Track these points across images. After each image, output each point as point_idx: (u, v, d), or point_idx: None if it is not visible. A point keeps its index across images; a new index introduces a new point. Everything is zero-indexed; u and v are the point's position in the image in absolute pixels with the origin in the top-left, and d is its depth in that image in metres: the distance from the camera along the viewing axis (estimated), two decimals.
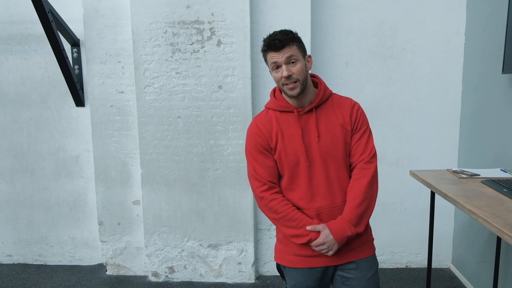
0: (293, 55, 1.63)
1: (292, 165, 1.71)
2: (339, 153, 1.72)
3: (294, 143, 1.71)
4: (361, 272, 1.74)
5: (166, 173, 3.20)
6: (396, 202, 3.43)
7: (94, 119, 3.31)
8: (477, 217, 1.72)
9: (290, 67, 1.63)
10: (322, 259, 1.72)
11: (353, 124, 1.74)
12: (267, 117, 1.77)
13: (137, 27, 3.07)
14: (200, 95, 3.10)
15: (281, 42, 1.62)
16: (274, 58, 1.64)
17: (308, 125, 1.72)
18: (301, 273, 1.75)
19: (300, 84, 1.66)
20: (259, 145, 1.74)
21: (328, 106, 1.76)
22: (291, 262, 1.77)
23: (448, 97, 3.30)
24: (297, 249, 1.73)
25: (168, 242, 3.27)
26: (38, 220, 3.67)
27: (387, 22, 3.25)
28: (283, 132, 1.72)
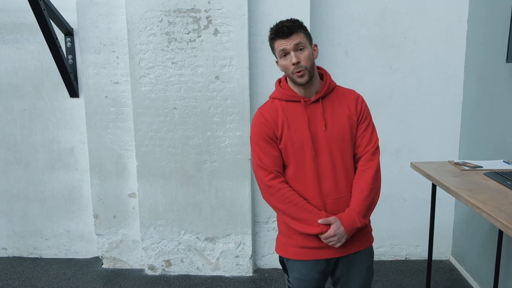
0: (301, 42, 1.65)
1: (298, 154, 1.71)
2: (345, 143, 1.73)
3: (300, 132, 1.70)
4: (361, 263, 1.80)
5: (162, 166, 3.14)
6: (396, 194, 3.39)
7: (89, 110, 3.24)
8: (481, 211, 1.66)
9: (298, 54, 1.65)
10: (327, 251, 1.73)
11: (359, 115, 1.76)
12: (273, 106, 1.76)
13: (131, 16, 2.99)
14: (196, 85, 3.03)
15: (289, 29, 1.64)
16: (282, 46, 1.65)
17: (314, 114, 1.72)
18: (306, 265, 1.76)
19: (308, 72, 1.67)
20: (265, 134, 1.73)
21: (334, 97, 1.77)
22: (296, 254, 1.77)
23: (450, 87, 3.24)
24: (302, 241, 1.73)
25: (164, 235, 3.23)
26: (32, 212, 3.62)
27: (388, 10, 3.17)
28: (289, 121, 1.72)
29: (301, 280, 1.78)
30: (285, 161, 1.75)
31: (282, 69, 1.73)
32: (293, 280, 1.81)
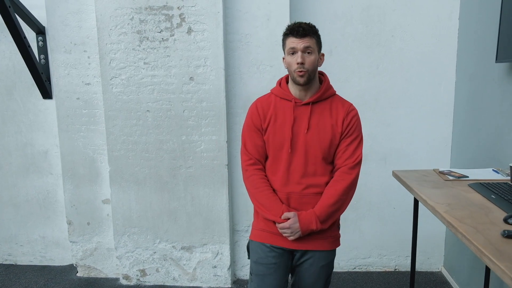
0: (310, 46, 1.74)
1: (277, 148, 1.82)
2: (322, 150, 1.80)
3: (283, 129, 1.81)
4: (316, 260, 1.86)
5: (136, 171, 2.99)
6: (383, 201, 3.21)
7: (60, 113, 3.10)
8: (455, 231, 1.49)
9: (305, 56, 1.74)
10: (284, 240, 1.82)
11: (344, 128, 1.82)
12: (268, 100, 1.89)
13: (101, 14, 2.84)
14: (170, 87, 2.87)
15: (304, 31, 1.73)
16: (293, 44, 1.75)
17: (301, 116, 1.81)
18: (263, 248, 1.86)
19: (308, 75, 1.76)
20: (253, 124, 1.87)
21: (326, 105, 1.84)
22: (257, 236, 1.89)
23: (441, 88, 3.05)
24: (264, 225, 1.86)
25: (139, 244, 3.08)
26: (6, 217, 3.49)
27: (374, 6, 2.98)
28: (277, 117, 1.83)
29: (259, 263, 1.88)
30: (267, 152, 1.88)
31: (286, 66, 1.82)
32: (253, 263, 1.92)
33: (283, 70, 2.90)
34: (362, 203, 3.23)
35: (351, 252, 3.29)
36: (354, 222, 3.24)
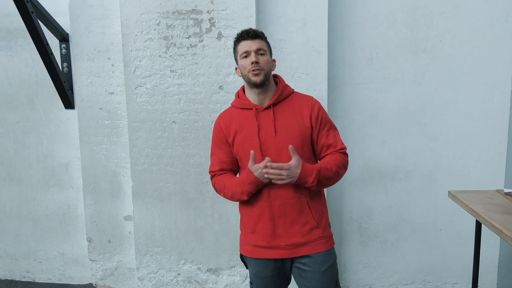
0: (263, 48, 1.80)
1: (248, 159, 1.76)
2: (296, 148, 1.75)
3: (250, 138, 1.81)
4: (316, 265, 1.82)
5: (160, 186, 2.79)
6: (429, 223, 2.91)
7: (82, 123, 2.94)
8: None
9: (259, 56, 1.78)
10: (276, 252, 1.82)
11: (314, 122, 1.83)
12: (230, 113, 1.91)
13: (126, 19, 2.68)
14: (198, 96, 2.68)
15: (255, 33, 1.81)
16: (246, 47, 1.79)
17: (265, 121, 1.82)
18: (259, 263, 1.87)
19: (264, 74, 1.78)
20: (218, 140, 1.92)
21: (288, 104, 1.86)
22: (250, 252, 1.89)
23: (494, 98, 2.76)
24: (254, 240, 1.86)
25: (162, 265, 2.87)
26: (26, 233, 3.34)
27: (420, 9, 2.74)
28: (242, 128, 1.84)
29: (257, 276, 1.89)
30: (239, 163, 1.89)
31: (240, 72, 1.85)
32: (252, 275, 1.93)
33: (320, 79, 2.68)
34: (404, 224, 2.94)
35: (392, 277, 3.00)
36: (396, 244, 2.96)
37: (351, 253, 2.98)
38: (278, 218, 1.80)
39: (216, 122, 1.94)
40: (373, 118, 2.85)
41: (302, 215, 1.81)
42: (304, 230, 1.81)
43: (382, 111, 2.84)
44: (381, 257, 2.99)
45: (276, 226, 1.80)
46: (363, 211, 2.94)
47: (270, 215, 1.80)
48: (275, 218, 1.80)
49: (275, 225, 1.80)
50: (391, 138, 2.86)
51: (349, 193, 2.91)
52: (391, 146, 2.87)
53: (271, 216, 1.80)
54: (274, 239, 1.81)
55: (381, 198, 2.93)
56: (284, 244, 1.81)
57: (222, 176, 1.90)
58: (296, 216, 1.80)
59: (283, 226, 1.80)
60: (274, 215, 1.80)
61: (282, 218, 1.80)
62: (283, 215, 1.80)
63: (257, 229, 1.84)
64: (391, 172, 2.90)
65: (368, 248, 2.98)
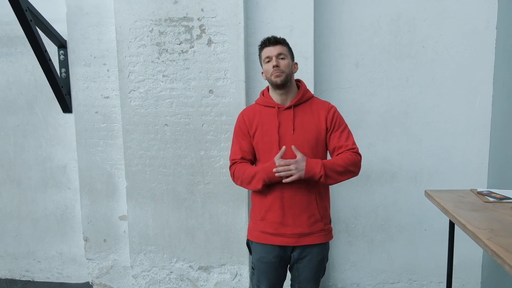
0: (283, 53, 1.97)
1: (267, 151, 1.98)
2: (309, 147, 1.96)
3: (270, 133, 1.98)
4: (313, 255, 2.01)
5: (153, 187, 2.89)
6: (414, 223, 3.00)
7: (79, 127, 3.05)
8: (502, 262, 1.30)
9: (280, 60, 1.96)
10: (282, 239, 1.98)
11: (329, 124, 2.00)
12: (254, 109, 2.08)
13: (121, 26, 2.79)
14: (189, 100, 2.78)
15: (276, 39, 1.98)
16: (267, 53, 1.97)
17: (286, 119, 1.99)
18: (264, 248, 2.02)
19: (285, 75, 1.95)
20: (241, 131, 2.07)
21: (307, 107, 2.03)
22: (257, 237, 2.04)
23: (476, 102, 2.85)
24: (263, 227, 2.01)
25: (155, 263, 2.96)
26: (25, 233, 3.44)
27: (404, 16, 2.83)
28: (263, 123, 2.01)
29: (261, 262, 2.04)
30: (257, 155, 2.05)
31: (264, 75, 2.03)
32: (255, 261, 2.07)
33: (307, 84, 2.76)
34: (391, 224, 3.03)
35: (379, 276, 3.08)
36: (382, 244, 3.04)
37: (338, 252, 3.06)
38: (288, 208, 1.95)
39: (240, 115, 2.11)
40: (359, 121, 2.93)
41: (309, 208, 1.96)
42: (309, 222, 1.97)
43: (368, 115, 2.93)
44: (368, 256, 3.07)
45: (285, 216, 1.95)
46: (350, 212, 3.03)
47: (280, 204, 1.95)
48: (285, 208, 1.95)
49: (284, 214, 1.95)
50: (377, 141, 2.94)
51: (337, 194, 2.99)
52: (376, 148, 2.95)
53: (282, 205, 1.95)
54: (282, 227, 1.97)
55: (367, 199, 3.01)
56: (290, 233, 1.96)
57: (243, 164, 2.04)
58: (304, 208, 1.95)
59: (292, 216, 1.95)
60: (284, 205, 1.95)
61: (291, 209, 1.95)
62: (292, 206, 1.95)
63: (266, 217, 1.99)
64: (377, 174, 2.98)
65: (356, 247, 3.06)
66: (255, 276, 2.09)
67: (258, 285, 2.09)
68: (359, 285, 3.09)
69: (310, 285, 2.07)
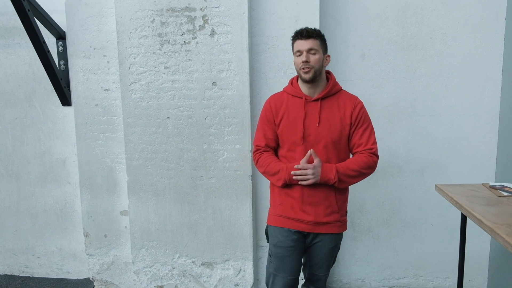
0: (314, 47, 1.95)
1: (291, 141, 2.02)
2: (332, 141, 1.99)
3: (296, 123, 2.01)
4: (326, 242, 2.07)
5: (155, 181, 2.83)
6: (420, 218, 2.95)
7: (78, 120, 2.98)
8: None
9: (310, 55, 1.94)
10: (300, 225, 2.03)
11: (353, 119, 2.01)
12: (281, 97, 2.10)
13: (121, 16, 2.72)
14: (191, 92, 2.72)
15: (308, 33, 1.96)
16: (299, 46, 1.96)
17: (312, 111, 2.00)
18: (282, 233, 2.06)
19: (314, 72, 1.95)
20: (266, 118, 2.11)
21: (334, 100, 2.04)
22: (274, 221, 2.09)
23: (485, 95, 2.79)
24: (281, 211, 2.06)
25: (157, 259, 2.91)
26: (24, 228, 3.38)
27: (411, 6, 2.77)
28: (290, 112, 2.03)
29: (278, 246, 2.07)
30: (280, 143, 2.09)
31: (295, 67, 2.02)
32: (272, 247, 2.11)
33: None
34: (396, 219, 2.98)
35: (384, 271, 3.04)
36: (388, 239, 2.99)
37: (344, 248, 3.01)
38: (307, 197, 2.00)
39: (267, 102, 2.14)
40: None
41: (327, 199, 2.01)
42: (326, 212, 2.02)
43: (374, 108, 2.87)
44: (373, 252, 3.03)
45: (303, 203, 2.01)
46: (356, 207, 2.98)
47: (300, 193, 2.00)
48: (304, 197, 2.00)
49: (303, 202, 2.01)
50: (383, 134, 2.89)
51: None
52: (382, 142, 2.89)
53: (301, 194, 2.00)
54: (300, 213, 2.02)
55: (373, 194, 2.96)
56: (307, 220, 2.01)
57: (268, 154, 2.09)
58: (323, 199, 2.00)
59: (310, 205, 2.00)
60: (304, 193, 2.00)
61: (311, 198, 2.00)
62: (311, 195, 1.99)
63: (286, 202, 2.04)
64: (383, 168, 2.93)
65: (361, 242, 3.01)
66: (272, 264, 2.11)
67: (275, 274, 2.10)
68: (364, 281, 3.05)
69: (321, 270, 2.13)
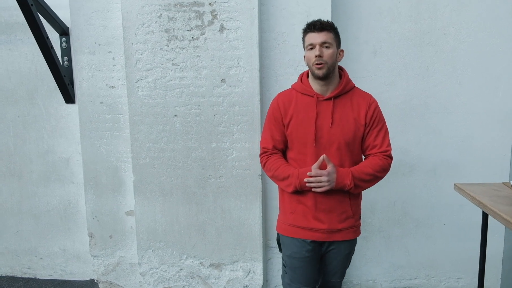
0: (328, 40, 1.82)
1: (301, 142, 1.90)
2: (346, 143, 1.87)
3: (307, 124, 1.88)
4: (341, 249, 1.98)
5: (162, 181, 2.76)
6: (433, 217, 2.90)
7: (83, 118, 2.91)
8: None
9: (323, 49, 1.81)
10: (314, 234, 1.92)
11: (368, 120, 1.90)
12: (290, 95, 1.96)
13: (127, 11, 2.65)
14: (200, 90, 2.65)
15: (322, 25, 1.82)
16: (311, 39, 1.83)
17: (324, 111, 1.87)
18: (295, 243, 1.95)
19: (327, 67, 1.82)
20: (274, 118, 1.97)
21: (347, 98, 1.91)
22: (287, 231, 1.98)
23: (499, 92, 2.74)
24: (293, 220, 1.95)
25: (164, 260, 2.85)
26: (26, 229, 3.32)
27: (424, 1, 2.71)
28: (300, 112, 1.90)
29: (292, 258, 1.97)
30: (289, 144, 1.96)
31: (306, 62, 1.89)
32: (286, 257, 2.01)
33: None
34: (408, 219, 2.93)
35: (395, 272, 2.98)
36: (399, 239, 2.94)
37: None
38: (320, 204, 1.89)
39: (275, 100, 2.00)
40: None
41: (341, 205, 1.91)
42: (340, 218, 1.91)
43: (386, 105, 2.79)
44: (384, 252, 2.97)
45: (316, 210, 1.89)
46: (367, 206, 2.91)
47: (313, 201, 1.89)
48: (317, 203, 1.89)
49: (316, 209, 1.89)
50: (395, 133, 2.81)
51: None
52: (394, 140, 2.79)
53: (314, 201, 1.89)
54: (314, 222, 1.91)
55: (384, 193, 2.91)
56: (322, 228, 1.90)
57: (276, 157, 1.97)
58: (337, 205, 1.90)
59: (323, 212, 1.89)
60: (317, 200, 1.88)
61: (324, 205, 1.89)
62: (325, 202, 1.88)
63: (297, 210, 1.93)
64: (395, 167, 2.85)
65: (372, 242, 2.96)
66: (288, 274, 2.02)
67: (290, 284, 2.02)
68: (375, 282, 3.00)
69: (336, 277, 2.07)
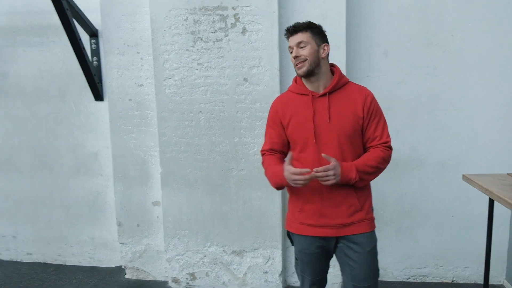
0: (303, 41, 1.86)
1: (302, 141, 1.90)
2: (347, 136, 1.87)
3: (305, 122, 1.89)
4: (361, 246, 1.89)
5: (187, 173, 2.96)
6: (441, 209, 3.06)
7: (112, 114, 3.12)
8: None
9: (300, 50, 1.86)
10: (322, 230, 1.91)
11: (366, 112, 1.90)
12: (287, 97, 2.01)
13: (155, 15, 2.84)
14: (223, 88, 2.84)
15: (294, 28, 1.89)
16: (289, 43, 1.91)
17: (321, 107, 1.89)
18: (305, 240, 1.96)
19: (308, 64, 1.85)
20: (273, 121, 2.02)
21: (343, 93, 1.93)
22: (297, 229, 1.98)
23: (503, 90, 2.89)
24: (302, 218, 1.95)
25: (189, 247, 3.05)
26: (57, 218, 3.54)
27: (432, 5, 2.88)
28: (297, 112, 1.92)
29: (303, 253, 1.99)
30: (292, 145, 1.98)
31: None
32: (297, 252, 2.04)
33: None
34: (417, 211, 3.09)
35: (406, 261, 3.16)
36: (409, 230, 3.11)
37: None
38: (326, 199, 1.87)
39: (273, 105, 2.05)
40: (388, 109, 2.95)
41: (348, 198, 1.87)
42: (349, 212, 1.88)
43: (396, 103, 2.98)
44: (395, 242, 3.14)
45: (323, 207, 1.88)
46: (378, 198, 3.09)
47: (319, 197, 1.88)
48: (323, 199, 1.88)
49: (322, 206, 1.88)
50: (405, 129, 3.00)
51: None
52: (404, 136, 3.01)
53: (320, 197, 1.88)
54: (321, 218, 1.89)
55: (395, 186, 3.08)
56: (330, 224, 1.88)
57: (270, 158, 2.01)
58: (343, 199, 1.87)
59: (330, 207, 1.87)
60: (322, 196, 1.88)
61: (329, 200, 1.87)
62: (331, 197, 1.87)
63: (305, 208, 1.92)
64: (405, 161, 3.04)
65: (384, 233, 3.13)
66: (299, 266, 2.06)
67: (302, 275, 2.06)
68: (386, 270, 3.17)
69: (366, 281, 1.90)
